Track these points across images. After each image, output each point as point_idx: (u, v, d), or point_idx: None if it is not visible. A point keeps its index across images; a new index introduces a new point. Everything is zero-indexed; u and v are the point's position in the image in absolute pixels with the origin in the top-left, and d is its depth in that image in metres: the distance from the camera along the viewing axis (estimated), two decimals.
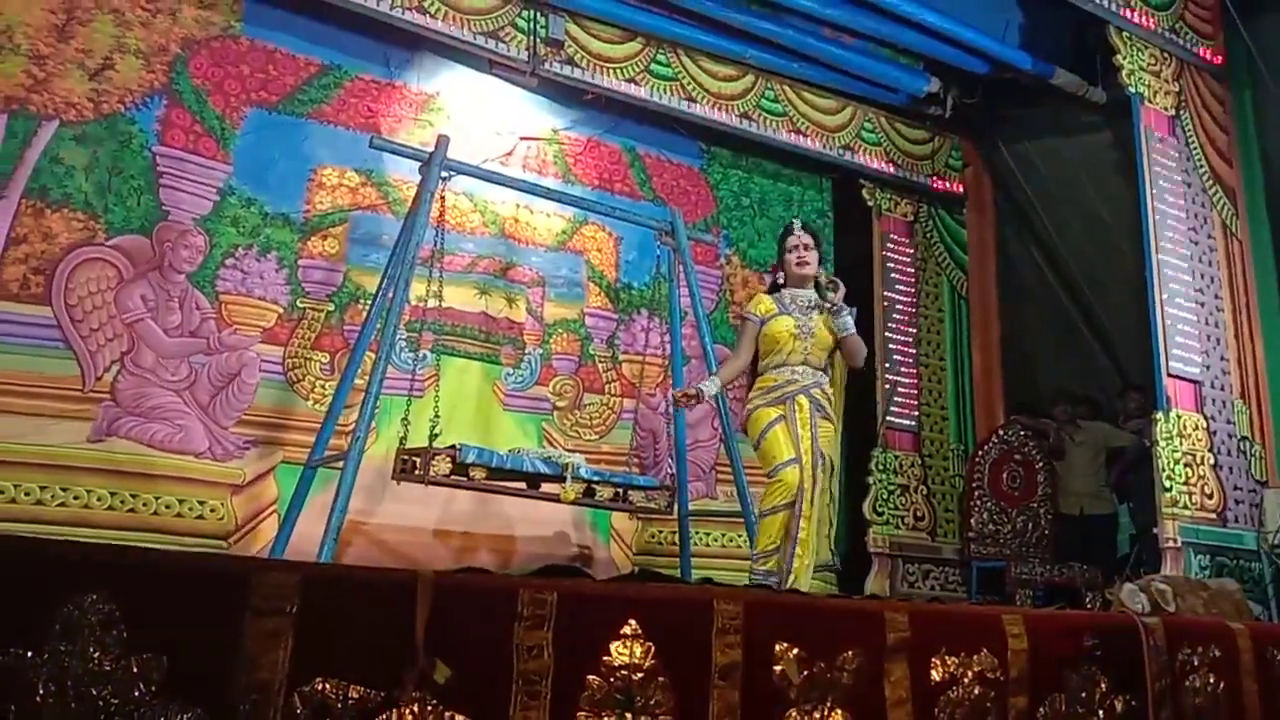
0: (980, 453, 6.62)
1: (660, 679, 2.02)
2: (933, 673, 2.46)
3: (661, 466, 6.16)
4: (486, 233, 6.02)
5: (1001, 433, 6.62)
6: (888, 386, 7.02)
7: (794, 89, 6.94)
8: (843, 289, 3.99)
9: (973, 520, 6.50)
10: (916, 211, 7.48)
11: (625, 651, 1.99)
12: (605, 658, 1.96)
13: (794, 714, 2.23)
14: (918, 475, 6.94)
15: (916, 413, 7.14)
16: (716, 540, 6.41)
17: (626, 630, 2.00)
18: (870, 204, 7.31)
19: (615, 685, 1.96)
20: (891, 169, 7.29)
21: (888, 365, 7.03)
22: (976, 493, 6.53)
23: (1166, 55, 6.31)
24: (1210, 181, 6.31)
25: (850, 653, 2.33)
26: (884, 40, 6.65)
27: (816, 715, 2.25)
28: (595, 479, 4.84)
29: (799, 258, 4.08)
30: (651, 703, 2.00)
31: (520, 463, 4.71)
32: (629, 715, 1.97)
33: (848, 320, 3.98)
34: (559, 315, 6.19)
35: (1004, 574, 6.34)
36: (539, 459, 4.78)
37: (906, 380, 7.14)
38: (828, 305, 3.96)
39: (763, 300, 4.11)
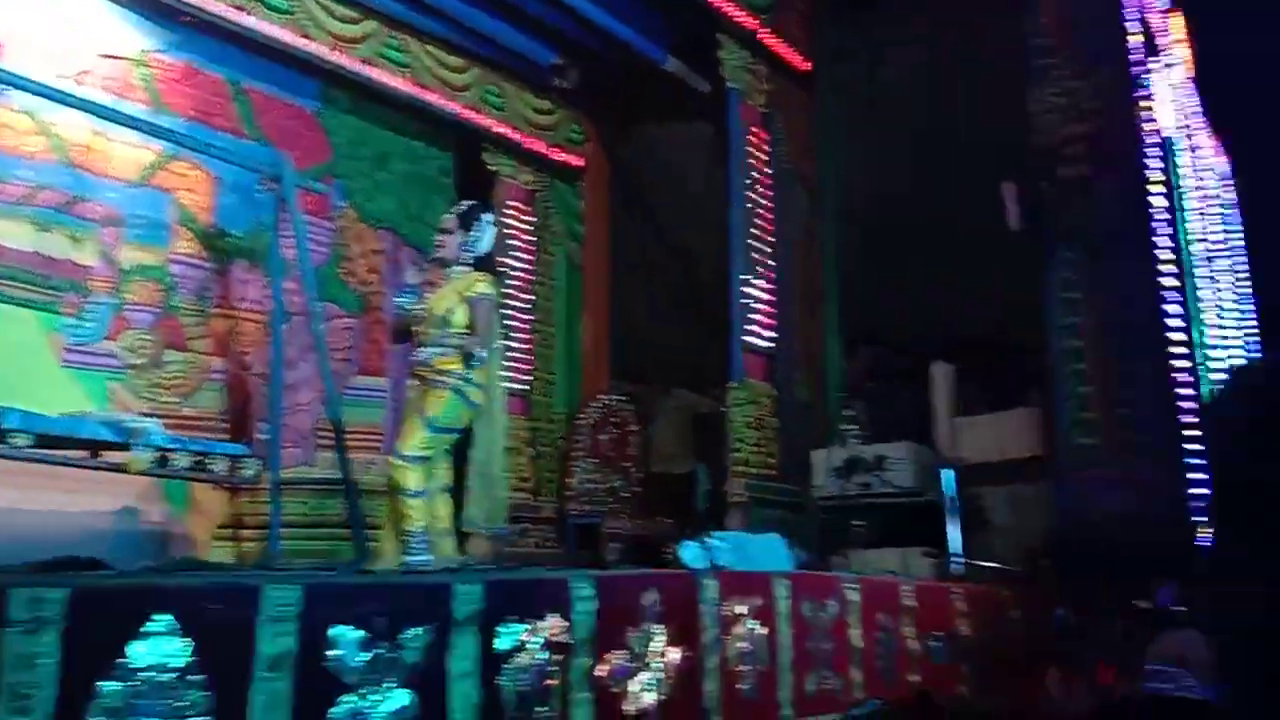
0: (582, 416, 6.96)
1: (195, 677, 1.85)
2: (501, 641, 2.50)
3: (255, 432, 5.75)
4: (50, 159, 5.20)
5: (601, 398, 6.99)
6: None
7: (420, 42, 6.73)
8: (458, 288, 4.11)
9: (571, 479, 6.83)
10: (537, 181, 7.60)
11: (152, 651, 1.79)
12: (123, 660, 1.76)
13: (352, 698, 2.17)
14: (524, 438, 7.09)
15: (530, 378, 7.29)
16: (314, 510, 6.09)
17: (156, 627, 1.81)
18: (492, 168, 7.30)
19: (136, 689, 1.76)
20: (514, 135, 7.32)
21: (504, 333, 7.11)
22: (576, 453, 6.86)
23: (762, 56, 6.89)
24: (793, 178, 7.02)
25: (418, 630, 2.30)
26: (511, 6, 6.64)
27: (375, 697, 2.20)
28: (171, 446, 4.40)
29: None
30: (182, 704, 1.83)
31: (78, 428, 4.16)
32: None
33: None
34: (138, 260, 5.49)
35: (596, 530, 6.76)
36: (102, 424, 4.25)
37: (520, 347, 7.26)
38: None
39: None
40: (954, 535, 5.17)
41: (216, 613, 1.94)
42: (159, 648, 1.80)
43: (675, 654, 3.05)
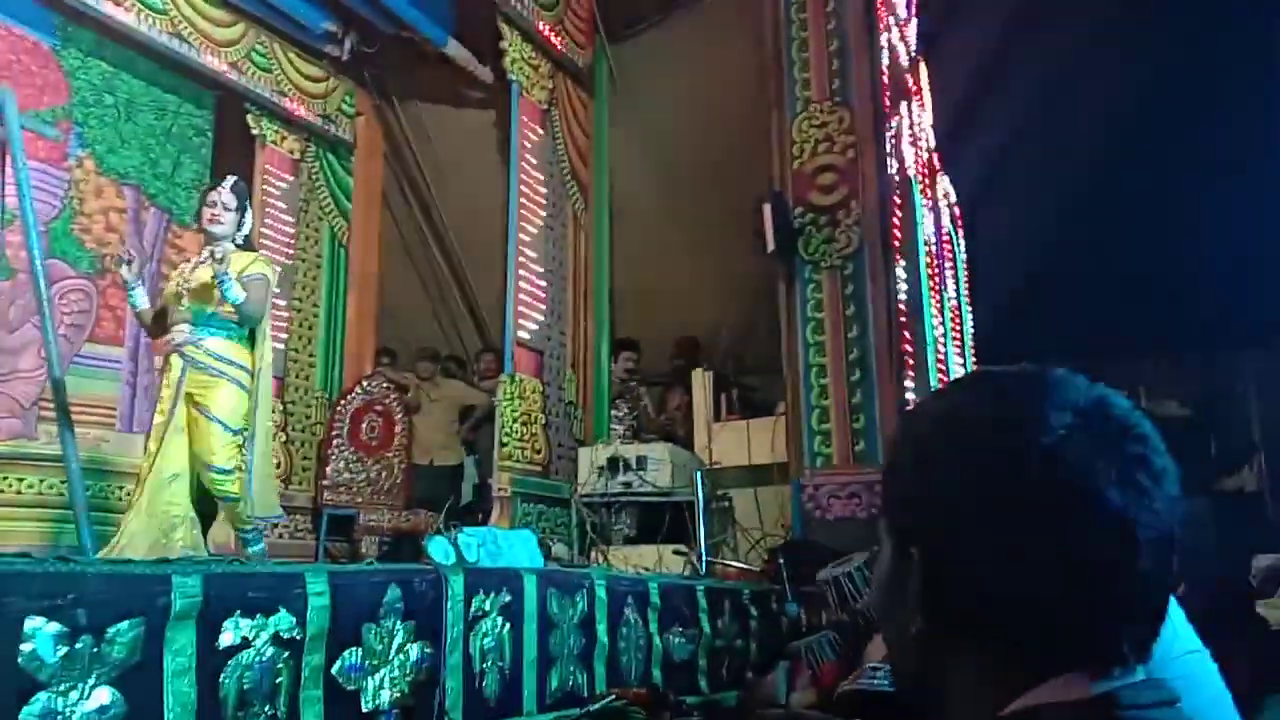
0: (343, 402, 6.68)
1: None
2: (223, 637, 2.35)
3: None
4: None
5: (365, 384, 6.75)
6: None
7: None
8: (229, 260, 4.00)
9: (329, 468, 6.54)
10: (304, 150, 7.23)
11: None
12: None
13: (47, 695, 1.97)
14: (277, 422, 6.73)
15: (283, 359, 6.92)
16: (33, 487, 5.53)
17: None
18: (255, 132, 6.88)
19: None
20: (281, 100, 6.93)
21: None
22: (335, 441, 6.58)
23: (544, 53, 6.91)
24: (568, 175, 7.09)
25: (126, 624, 2.13)
26: None
27: (74, 695, 2.01)
28: None
29: (211, 215, 4.16)
30: None
31: None
32: None
33: (229, 290, 3.96)
34: None
35: (354, 521, 6.51)
36: None
37: (276, 324, 6.87)
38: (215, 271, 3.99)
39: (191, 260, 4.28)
40: (703, 534, 5.39)
41: None
42: None
43: (416, 651, 2.99)
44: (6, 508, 5.23)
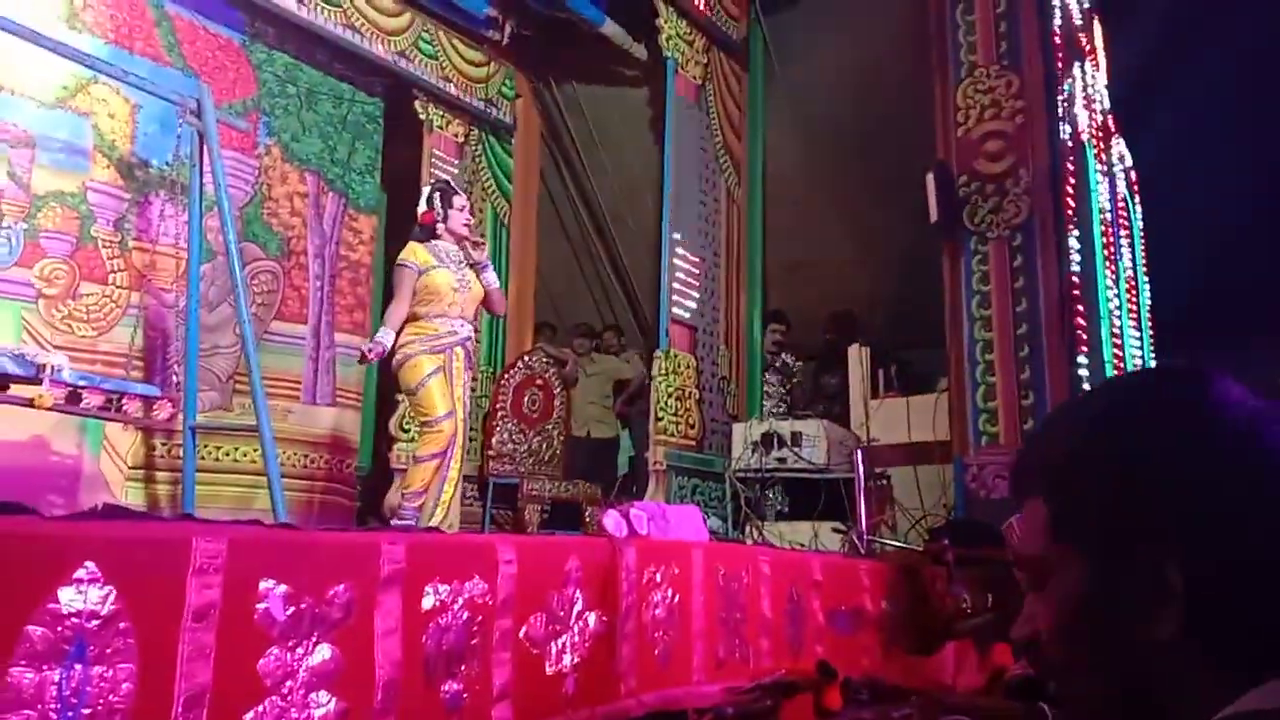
0: (505, 376, 6.93)
1: (121, 625, 1.83)
2: (424, 601, 2.52)
3: (170, 371, 5.59)
4: None
5: (526, 358, 6.97)
6: None
7: None
8: (486, 246, 4.65)
9: (493, 439, 6.81)
10: (467, 133, 7.48)
11: (79, 597, 1.77)
12: (53, 605, 1.73)
13: (276, 650, 2.17)
14: None
15: None
16: (229, 455, 6.01)
17: (81, 574, 1.78)
18: (422, 117, 7.17)
19: (63, 635, 1.74)
20: (446, 85, 7.19)
21: None
22: (499, 413, 6.84)
23: (699, 28, 6.90)
24: (722, 151, 7.09)
25: (342, 586, 2.31)
26: None
27: (300, 650, 2.21)
28: (82, 383, 4.25)
29: (467, 220, 4.57)
30: (108, 651, 1.81)
31: None
32: (79, 666, 1.77)
33: (492, 275, 4.60)
34: (54, 186, 5.26)
35: (517, 490, 6.77)
36: (7, 356, 4.08)
37: None
38: (474, 262, 4.51)
39: (417, 250, 4.45)
40: (862, 512, 5.35)
41: (143, 561, 1.92)
42: (85, 595, 1.78)
43: (593, 618, 3.12)
44: (207, 473, 5.66)
